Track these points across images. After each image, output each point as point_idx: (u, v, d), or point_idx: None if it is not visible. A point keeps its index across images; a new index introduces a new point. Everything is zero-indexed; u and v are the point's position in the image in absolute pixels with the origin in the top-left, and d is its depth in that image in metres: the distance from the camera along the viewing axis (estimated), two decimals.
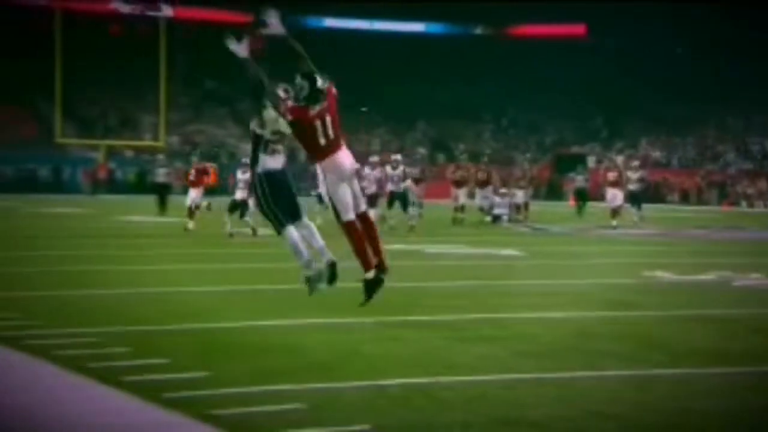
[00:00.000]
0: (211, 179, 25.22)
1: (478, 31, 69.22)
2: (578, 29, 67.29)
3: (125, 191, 47.62)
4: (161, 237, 20.20)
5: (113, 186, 49.62)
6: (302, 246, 8.26)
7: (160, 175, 30.34)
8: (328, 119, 7.96)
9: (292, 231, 8.21)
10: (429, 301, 10.90)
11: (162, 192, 29.22)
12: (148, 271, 13.58)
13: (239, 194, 20.89)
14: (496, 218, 27.77)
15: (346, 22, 66.31)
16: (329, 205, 8.00)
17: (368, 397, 6.14)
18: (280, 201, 8.17)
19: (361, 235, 7.95)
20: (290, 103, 8.04)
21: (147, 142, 52.85)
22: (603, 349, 7.97)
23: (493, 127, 66.16)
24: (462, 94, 64.59)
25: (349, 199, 7.90)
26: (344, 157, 7.92)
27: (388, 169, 24.29)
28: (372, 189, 23.20)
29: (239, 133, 59.71)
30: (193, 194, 22.49)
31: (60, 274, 13.12)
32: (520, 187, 29.05)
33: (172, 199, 29.30)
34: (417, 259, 16.34)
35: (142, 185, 46.74)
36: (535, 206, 29.74)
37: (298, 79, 8.04)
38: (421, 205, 28.82)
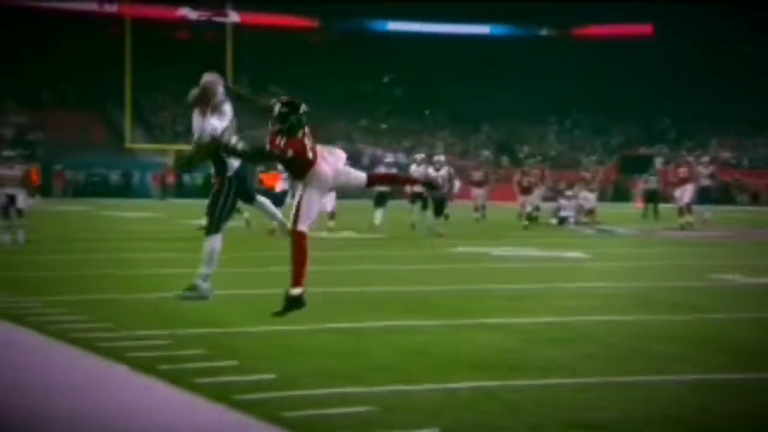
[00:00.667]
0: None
1: (543, 32, 68.74)
2: (645, 29, 66.44)
3: (193, 195, 48.20)
4: (228, 241, 20.36)
5: (181, 190, 50.26)
6: (216, 258, 8.43)
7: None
8: (308, 131, 7.91)
9: (219, 240, 8.48)
10: (495, 303, 10.86)
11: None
12: (216, 274, 13.72)
13: (279, 186, 20.99)
14: (562, 220, 27.55)
15: (409, 25, 66.34)
16: (294, 205, 7.80)
17: (437, 399, 6.15)
18: (233, 206, 8.52)
19: (306, 250, 7.83)
20: (279, 139, 7.76)
21: None
22: (670, 352, 7.88)
23: (557, 129, 65.64)
24: (526, 96, 64.19)
25: (315, 213, 7.83)
26: (326, 167, 7.82)
27: (431, 170, 23.48)
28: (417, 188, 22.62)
29: None
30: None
31: (130, 277, 13.34)
32: (591, 190, 28.72)
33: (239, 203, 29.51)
34: (483, 262, 16.30)
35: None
36: (602, 208, 29.41)
37: (279, 110, 7.88)
38: (484, 208, 28.71)
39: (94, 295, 11.17)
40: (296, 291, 7.61)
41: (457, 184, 24.30)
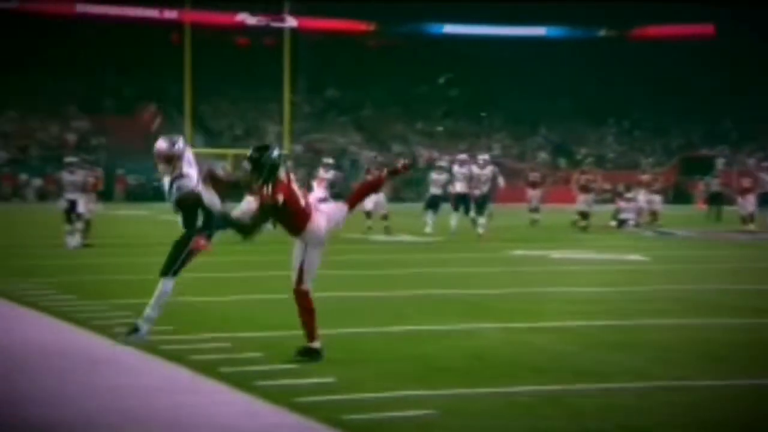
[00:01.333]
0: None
1: (602, 33, 68.09)
2: (706, 29, 65.45)
3: None
4: (287, 243, 20.47)
5: (241, 194, 50.68)
6: (165, 302, 8.27)
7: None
8: (293, 177, 7.77)
9: (173, 284, 8.40)
10: (555, 306, 10.79)
11: None
12: (275, 277, 13.82)
13: (320, 193, 21.05)
14: (622, 223, 27.26)
15: (465, 27, 66.20)
16: (296, 266, 7.66)
17: (498, 403, 6.13)
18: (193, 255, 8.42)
19: (312, 306, 7.64)
20: (265, 189, 7.57)
21: None
22: (732, 356, 7.76)
23: (616, 131, 64.98)
24: (584, 98, 63.67)
25: (316, 267, 7.67)
26: (322, 221, 7.69)
27: (475, 169, 22.97)
28: (461, 188, 22.31)
29: (361, 141, 60.32)
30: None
31: (190, 280, 13.46)
32: (655, 192, 28.34)
33: None
34: (542, 265, 16.20)
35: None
36: (662, 210, 29.04)
37: (250, 156, 7.64)
38: (537, 210, 28.48)
39: None
40: (316, 344, 7.52)
41: (501, 182, 23.72)
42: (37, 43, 56.25)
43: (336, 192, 22.11)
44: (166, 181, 8.22)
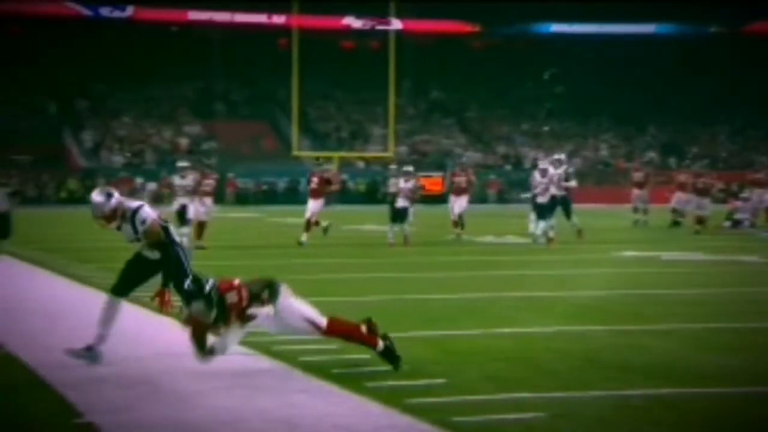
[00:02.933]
0: (335, 188, 23.66)
1: (712, 30, 66.43)
2: None
3: (357, 201, 49.00)
4: (367, 246, 20.51)
5: (346, 196, 51.16)
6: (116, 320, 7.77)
7: (393, 185, 30.87)
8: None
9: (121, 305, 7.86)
10: (666, 308, 10.60)
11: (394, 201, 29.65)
12: (381, 279, 13.94)
13: (401, 202, 20.87)
14: (737, 223, 26.55)
15: (573, 26, 65.43)
16: (298, 330, 7.26)
17: (608, 407, 6.06)
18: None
19: (346, 327, 7.42)
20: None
21: (377, 153, 54.26)
22: None
23: (728, 129, 63.31)
24: (695, 96, 62.22)
25: (307, 307, 7.31)
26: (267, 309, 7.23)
27: (550, 168, 21.55)
28: (555, 191, 20.84)
29: (466, 142, 60.18)
30: (313, 205, 20.95)
31: (298, 282, 13.65)
32: None
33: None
34: (651, 266, 15.93)
35: (373, 195, 47.96)
36: None
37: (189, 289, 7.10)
38: (646, 211, 27.91)
39: None
40: (380, 346, 7.28)
41: (574, 183, 22.60)
42: (152, 50, 57.87)
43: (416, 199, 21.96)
44: (117, 228, 7.72)
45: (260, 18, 60.99)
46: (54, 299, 11.52)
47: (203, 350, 6.93)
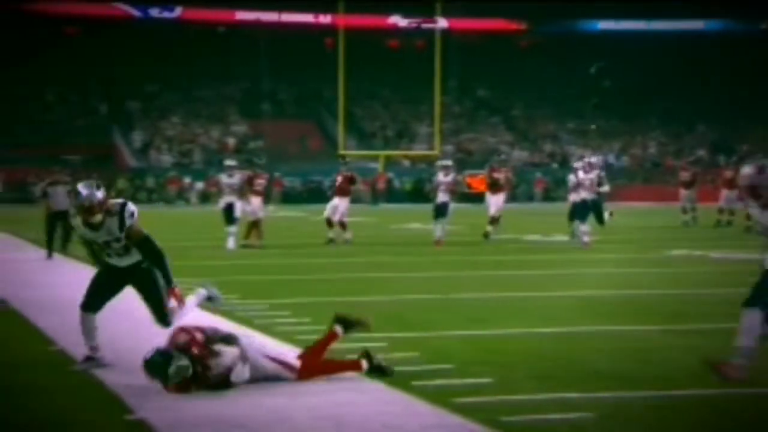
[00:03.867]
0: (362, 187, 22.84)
1: (762, 26, 65.48)
2: None
3: (403, 200, 49.02)
4: (427, 245, 20.48)
5: (392, 195, 51.20)
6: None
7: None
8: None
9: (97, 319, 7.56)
10: (716, 308, 10.47)
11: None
12: (427, 278, 13.94)
13: (441, 197, 20.70)
14: None
15: (621, 23, 64.89)
16: (275, 372, 6.87)
17: (657, 408, 6.02)
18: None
19: (326, 366, 7.09)
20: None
21: (422, 152, 54.24)
22: None
23: None
24: (746, 93, 61.39)
25: (272, 367, 6.86)
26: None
27: (581, 174, 20.68)
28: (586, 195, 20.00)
29: (512, 140, 59.93)
30: (340, 204, 20.64)
31: (347, 280, 13.75)
32: None
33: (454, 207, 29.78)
34: (701, 265, 15.76)
35: (419, 194, 47.92)
36: None
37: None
38: (694, 210, 27.55)
39: (315, 297, 11.59)
40: (365, 367, 7.02)
41: (607, 188, 21.84)
42: (199, 50, 58.38)
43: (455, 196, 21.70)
44: (97, 226, 7.33)
45: (307, 18, 61.27)
46: None
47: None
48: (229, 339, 6.79)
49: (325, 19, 59.84)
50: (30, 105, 53.83)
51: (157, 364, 6.49)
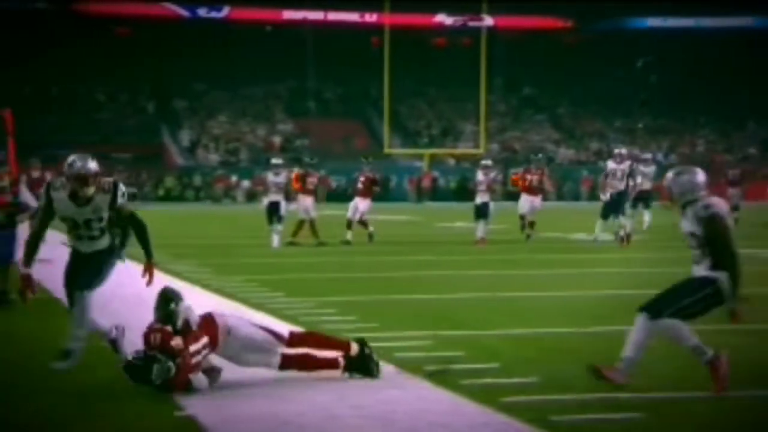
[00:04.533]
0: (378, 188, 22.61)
1: None
2: None
3: (448, 198, 48.94)
4: (468, 243, 20.40)
5: (437, 194, 51.14)
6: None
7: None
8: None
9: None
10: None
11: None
12: (473, 276, 13.90)
13: (480, 197, 20.54)
14: None
15: (668, 21, 64.19)
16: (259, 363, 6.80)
17: (709, 409, 5.95)
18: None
19: (311, 337, 7.11)
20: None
21: (468, 150, 54.11)
22: None
23: None
24: None
25: (261, 335, 6.81)
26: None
27: (610, 163, 20.31)
28: (620, 186, 19.66)
29: (558, 138, 59.57)
30: (361, 204, 20.63)
31: (393, 279, 13.76)
32: None
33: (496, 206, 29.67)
34: (752, 264, 15.50)
35: (464, 192, 47.80)
36: None
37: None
38: (737, 208, 27.03)
39: (361, 296, 11.62)
40: (354, 350, 6.93)
41: (639, 179, 21.49)
42: (246, 49, 58.72)
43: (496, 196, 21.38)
44: (85, 201, 7.09)
45: (353, 17, 61.41)
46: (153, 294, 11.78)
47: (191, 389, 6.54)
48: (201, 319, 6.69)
49: (371, 17, 59.93)
50: (81, 104, 54.63)
51: (138, 369, 6.41)
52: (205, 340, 6.61)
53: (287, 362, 6.81)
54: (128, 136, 51.57)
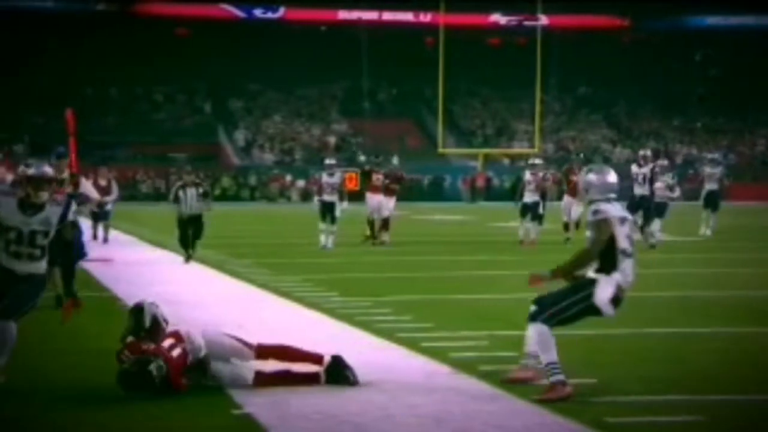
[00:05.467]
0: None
1: None
2: None
3: (502, 198, 48.72)
4: (511, 243, 20.24)
5: (490, 193, 50.95)
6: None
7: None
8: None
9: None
10: None
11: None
12: (528, 277, 13.80)
13: (527, 197, 20.25)
14: None
15: (728, 19, 63.21)
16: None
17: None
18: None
19: (281, 349, 6.91)
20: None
21: (522, 150, 53.84)
22: None
23: None
24: None
25: (228, 341, 6.72)
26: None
27: (634, 167, 19.64)
28: (642, 191, 19.09)
29: (613, 138, 58.99)
30: (386, 203, 20.12)
31: (447, 278, 13.75)
32: None
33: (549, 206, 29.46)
34: None
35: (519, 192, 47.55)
36: None
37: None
38: None
39: (416, 295, 11.63)
40: (326, 361, 6.79)
41: (659, 185, 20.57)
42: (301, 49, 59.01)
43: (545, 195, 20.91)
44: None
45: (407, 17, 61.44)
46: (212, 294, 11.92)
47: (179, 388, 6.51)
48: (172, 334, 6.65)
49: (425, 17, 59.90)
50: (140, 105, 55.38)
51: (135, 375, 6.34)
52: (172, 339, 6.59)
53: (262, 379, 6.64)
54: (185, 137, 52.14)
